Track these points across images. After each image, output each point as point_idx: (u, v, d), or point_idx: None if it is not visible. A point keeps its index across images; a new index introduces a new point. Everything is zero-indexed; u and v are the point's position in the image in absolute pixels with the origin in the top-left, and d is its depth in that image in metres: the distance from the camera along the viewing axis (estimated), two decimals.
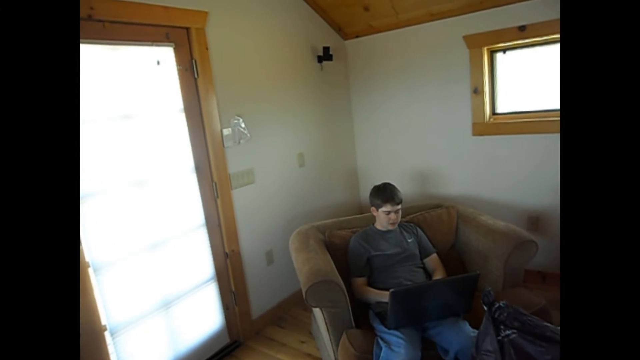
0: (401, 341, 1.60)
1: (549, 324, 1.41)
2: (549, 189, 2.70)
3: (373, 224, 2.18)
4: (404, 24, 3.01)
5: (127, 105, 1.95)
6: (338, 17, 3.14)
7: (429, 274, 2.12)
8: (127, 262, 1.97)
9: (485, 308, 1.47)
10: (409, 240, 2.12)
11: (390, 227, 2.09)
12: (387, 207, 2.04)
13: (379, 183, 2.15)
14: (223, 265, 2.47)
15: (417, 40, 3.01)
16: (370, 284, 2.02)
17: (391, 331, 1.67)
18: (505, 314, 1.42)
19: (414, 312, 1.70)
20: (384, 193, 2.06)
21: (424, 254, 2.14)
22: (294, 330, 2.67)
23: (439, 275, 2.08)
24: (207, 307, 2.40)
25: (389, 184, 2.12)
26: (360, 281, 2.02)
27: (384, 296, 1.81)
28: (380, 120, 3.38)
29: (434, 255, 2.16)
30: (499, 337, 1.39)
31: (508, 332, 1.39)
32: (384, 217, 2.07)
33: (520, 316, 1.42)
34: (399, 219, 2.09)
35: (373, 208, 2.11)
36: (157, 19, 2.00)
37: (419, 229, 2.22)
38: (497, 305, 1.45)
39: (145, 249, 2.06)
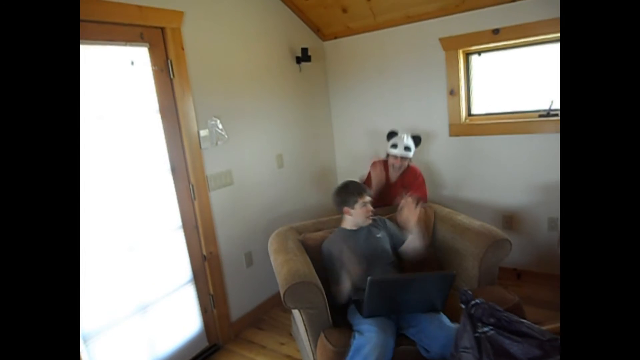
0: (372, 327, 1.63)
1: (524, 320, 1.44)
2: (523, 188, 2.77)
3: (341, 226, 2.16)
4: (382, 25, 3.04)
5: (101, 105, 1.90)
6: (316, 18, 3.15)
7: (401, 268, 2.13)
8: (101, 265, 1.93)
9: (463, 306, 1.49)
10: (378, 236, 2.10)
11: (368, 221, 2.08)
12: (364, 199, 2.04)
13: (339, 184, 2.15)
14: (201, 268, 2.44)
15: (395, 42, 3.05)
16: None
17: (364, 320, 1.69)
18: (480, 311, 1.45)
19: (389, 303, 1.73)
20: (357, 187, 2.07)
21: (398, 243, 2.14)
22: (273, 332, 2.66)
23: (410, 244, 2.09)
24: (185, 311, 2.37)
25: (350, 180, 2.14)
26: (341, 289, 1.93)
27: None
28: (359, 121, 3.40)
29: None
30: (476, 334, 1.41)
31: (485, 328, 1.41)
32: (363, 212, 2.04)
33: (495, 312, 1.45)
34: None
35: (347, 208, 2.07)
36: (130, 19, 1.96)
37: (387, 221, 2.21)
38: (473, 302, 1.48)
39: (120, 251, 2.01)
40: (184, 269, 2.36)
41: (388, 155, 2.64)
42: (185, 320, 2.38)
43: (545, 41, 2.54)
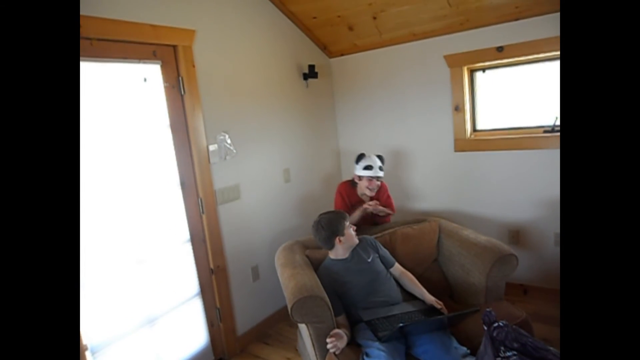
0: (382, 353, 1.63)
1: (551, 348, 1.39)
2: (529, 203, 2.78)
3: (330, 257, 2.11)
4: (388, 43, 3.10)
5: (113, 121, 1.95)
6: (323, 36, 3.22)
7: (397, 282, 2.13)
8: (110, 277, 1.95)
9: (485, 328, 1.45)
10: (370, 260, 2.07)
11: (356, 239, 2.07)
12: (347, 220, 2.06)
13: (321, 215, 2.11)
14: (208, 281, 2.45)
15: (400, 59, 3.10)
16: (354, 316, 1.95)
17: (374, 343, 1.69)
18: (504, 334, 1.40)
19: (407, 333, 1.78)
20: (338, 214, 2.08)
21: (388, 265, 2.14)
22: (279, 347, 2.65)
23: (409, 281, 2.10)
24: (191, 324, 2.38)
25: (324, 213, 2.14)
26: (338, 321, 1.88)
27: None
28: (364, 137, 3.44)
29: (396, 264, 2.17)
30: (498, 358, 1.36)
31: (508, 353, 1.36)
32: (352, 233, 2.05)
33: (520, 337, 1.40)
34: None
35: (338, 238, 2.01)
36: (144, 37, 2.02)
37: (377, 242, 2.20)
38: (496, 324, 1.43)
39: (129, 264, 2.04)
40: (191, 282, 2.37)
41: (360, 177, 2.57)
42: (192, 334, 2.38)
43: (548, 58, 2.58)
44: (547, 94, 2.65)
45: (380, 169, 2.56)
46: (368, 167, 2.54)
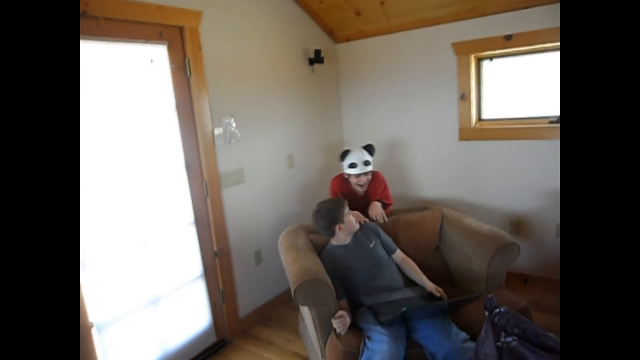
0: (384, 337, 1.65)
1: (551, 334, 1.40)
2: (532, 193, 2.79)
3: (332, 243, 2.14)
4: (395, 29, 3.07)
5: (119, 102, 1.95)
6: (330, 21, 3.18)
7: (398, 268, 2.16)
8: (115, 257, 1.97)
9: (487, 313, 1.47)
10: (371, 246, 2.09)
11: (357, 225, 2.10)
12: (347, 207, 2.08)
13: (320, 204, 2.13)
14: (211, 264, 2.48)
15: (407, 46, 3.07)
16: (355, 300, 1.98)
17: (376, 328, 1.72)
18: (505, 320, 1.42)
19: (408, 318, 1.80)
20: (337, 201, 2.10)
21: (390, 251, 2.16)
22: (281, 329, 2.69)
23: (410, 268, 2.13)
24: (194, 306, 2.41)
25: (322, 202, 2.15)
26: (340, 304, 1.91)
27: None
28: (369, 123, 3.43)
29: (398, 250, 2.19)
30: (498, 343, 1.37)
31: (509, 338, 1.37)
32: (352, 219, 2.08)
33: (521, 323, 1.42)
34: None
35: (338, 225, 2.04)
36: (151, 18, 2.01)
37: (379, 229, 2.22)
38: (497, 310, 1.44)
39: (134, 244, 2.06)
40: (195, 264, 2.40)
41: (348, 175, 2.51)
42: (195, 315, 2.42)
43: (556, 48, 2.56)
44: (554, 85, 2.63)
45: (367, 163, 2.44)
46: (352, 165, 2.45)
